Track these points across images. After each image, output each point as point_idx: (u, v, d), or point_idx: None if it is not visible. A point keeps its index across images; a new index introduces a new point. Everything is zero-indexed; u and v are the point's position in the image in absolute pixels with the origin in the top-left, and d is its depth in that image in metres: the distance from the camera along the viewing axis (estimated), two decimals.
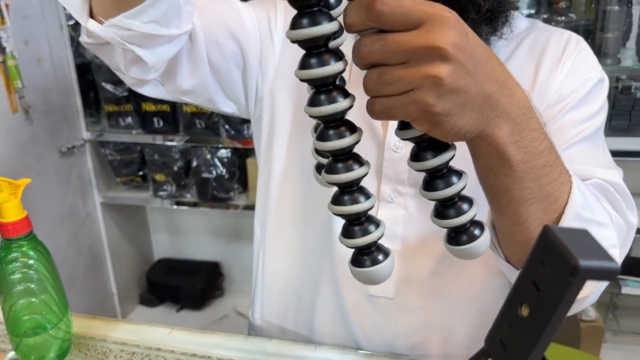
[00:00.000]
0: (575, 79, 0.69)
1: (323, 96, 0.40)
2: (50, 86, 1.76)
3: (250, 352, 0.74)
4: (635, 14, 1.68)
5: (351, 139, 0.40)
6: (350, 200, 0.42)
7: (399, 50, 0.38)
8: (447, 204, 0.44)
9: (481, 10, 0.61)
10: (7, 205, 0.67)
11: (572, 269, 0.26)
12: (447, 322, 0.75)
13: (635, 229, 0.68)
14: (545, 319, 0.28)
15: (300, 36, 0.38)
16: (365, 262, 0.43)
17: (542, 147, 0.48)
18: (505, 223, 0.54)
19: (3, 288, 0.69)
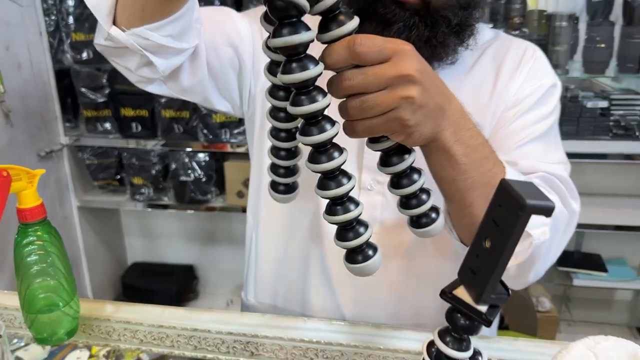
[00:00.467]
0: (530, 85, 0.80)
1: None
2: (29, 91, 1.79)
3: (247, 326, 0.81)
4: (581, 29, 1.85)
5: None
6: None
7: (379, 80, 0.48)
8: (410, 196, 0.53)
9: (451, 24, 0.71)
10: (25, 193, 0.74)
11: (521, 206, 0.36)
12: (419, 296, 0.85)
13: (578, 215, 0.79)
14: (502, 247, 0.38)
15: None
16: (358, 259, 0.50)
17: (478, 142, 0.59)
18: (455, 209, 0.65)
19: (20, 269, 0.75)
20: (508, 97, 0.80)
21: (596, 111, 1.81)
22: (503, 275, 0.39)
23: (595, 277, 1.97)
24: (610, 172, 2.00)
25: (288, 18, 0.43)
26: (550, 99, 0.80)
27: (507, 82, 0.80)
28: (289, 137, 0.55)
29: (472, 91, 0.80)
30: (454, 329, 0.43)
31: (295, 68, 0.44)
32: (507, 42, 0.84)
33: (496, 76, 0.81)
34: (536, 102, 0.79)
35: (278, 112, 0.55)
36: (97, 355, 0.96)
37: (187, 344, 0.82)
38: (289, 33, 0.43)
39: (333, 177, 0.48)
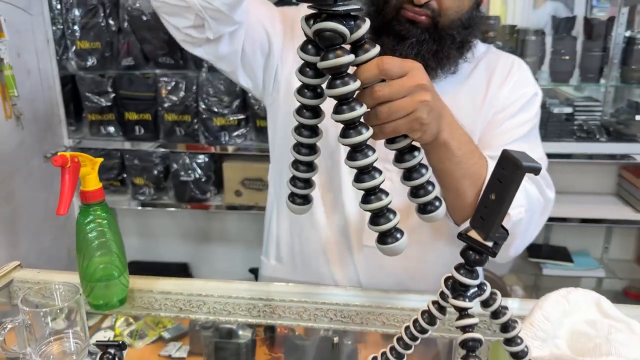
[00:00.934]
0: (515, 93, 0.96)
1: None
2: (37, 96, 1.89)
3: (274, 293, 0.95)
4: (547, 43, 2.04)
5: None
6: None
7: (401, 89, 0.63)
8: (419, 187, 0.66)
9: (455, 40, 0.87)
10: (89, 177, 0.86)
11: (518, 166, 0.51)
12: (422, 266, 1.00)
13: (553, 201, 0.96)
14: (504, 198, 0.53)
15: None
16: (388, 241, 0.62)
17: (466, 139, 0.77)
18: (451, 196, 0.83)
19: (82, 244, 0.87)
20: (497, 103, 0.96)
21: (562, 116, 2.00)
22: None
23: (563, 267, 2.16)
24: (575, 171, 2.19)
25: (333, 45, 0.56)
26: (533, 106, 0.97)
27: (496, 90, 0.96)
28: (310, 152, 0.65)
29: (468, 97, 0.96)
30: (467, 262, 0.57)
31: (340, 84, 0.57)
32: (496, 56, 1.01)
33: (487, 85, 0.97)
34: (520, 108, 0.95)
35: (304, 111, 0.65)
36: (122, 334, 1.09)
37: (222, 309, 0.95)
38: (335, 57, 0.55)
39: (367, 172, 0.60)
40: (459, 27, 0.87)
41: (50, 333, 0.77)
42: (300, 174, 0.66)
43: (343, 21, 0.55)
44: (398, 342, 0.67)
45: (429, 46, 0.86)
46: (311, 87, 0.61)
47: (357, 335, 0.99)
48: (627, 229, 2.28)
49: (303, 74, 0.60)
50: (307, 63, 0.60)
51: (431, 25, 0.85)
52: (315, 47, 0.58)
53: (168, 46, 1.92)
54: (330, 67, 0.56)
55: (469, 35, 0.90)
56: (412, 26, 0.85)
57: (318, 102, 0.61)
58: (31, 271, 1.03)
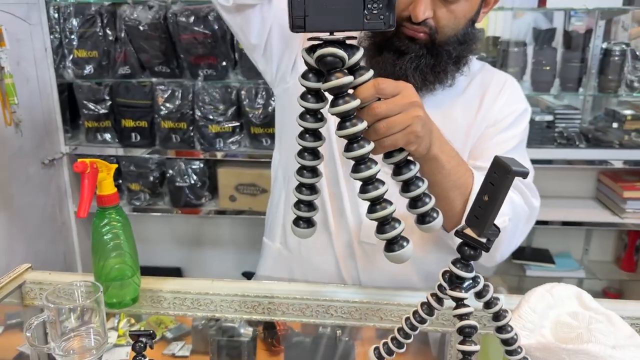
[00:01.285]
0: (507, 109, 1.03)
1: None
2: (35, 103, 1.93)
3: (278, 291, 1.00)
4: (529, 53, 2.13)
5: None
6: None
7: (397, 106, 0.70)
8: (417, 199, 0.71)
9: (451, 55, 0.94)
10: (104, 182, 0.91)
11: (508, 171, 0.58)
12: (415, 266, 1.07)
13: (538, 209, 1.03)
14: (496, 199, 0.60)
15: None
16: (394, 248, 0.68)
17: (454, 154, 0.85)
18: (441, 205, 0.88)
19: (99, 245, 0.92)
20: (490, 118, 1.03)
21: (543, 124, 2.09)
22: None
23: (545, 269, 2.26)
24: (556, 176, 2.28)
25: (334, 68, 0.63)
26: (522, 122, 1.04)
27: (489, 106, 1.03)
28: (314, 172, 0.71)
29: (463, 110, 1.03)
30: (462, 257, 0.64)
31: (342, 102, 0.64)
32: (491, 74, 1.08)
33: (481, 100, 1.04)
34: (511, 123, 1.02)
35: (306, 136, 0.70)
36: (125, 335, 1.13)
37: (228, 307, 1.01)
38: (336, 78, 0.62)
39: (371, 183, 0.66)
40: (455, 43, 0.94)
41: (71, 329, 0.82)
42: (304, 196, 0.71)
43: (341, 48, 0.63)
44: (399, 332, 0.73)
45: (426, 61, 0.93)
46: (312, 112, 0.67)
47: (354, 332, 1.05)
48: (606, 232, 2.38)
49: (305, 100, 0.66)
50: (308, 90, 0.66)
51: (429, 41, 0.92)
52: (316, 75, 0.65)
53: (164, 55, 1.97)
54: (333, 87, 0.63)
55: (464, 51, 0.96)
56: (411, 42, 0.92)
57: (319, 125, 0.67)
58: (42, 273, 1.07)
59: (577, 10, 2.02)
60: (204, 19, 1.88)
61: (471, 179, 0.89)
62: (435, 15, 0.91)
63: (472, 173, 0.89)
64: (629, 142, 2.07)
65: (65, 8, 1.95)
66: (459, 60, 0.97)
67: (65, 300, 0.84)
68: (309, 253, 1.14)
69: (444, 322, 0.95)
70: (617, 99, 2.25)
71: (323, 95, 0.66)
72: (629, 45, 2.04)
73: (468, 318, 0.64)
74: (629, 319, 0.87)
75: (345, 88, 0.64)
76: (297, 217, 0.73)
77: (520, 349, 0.69)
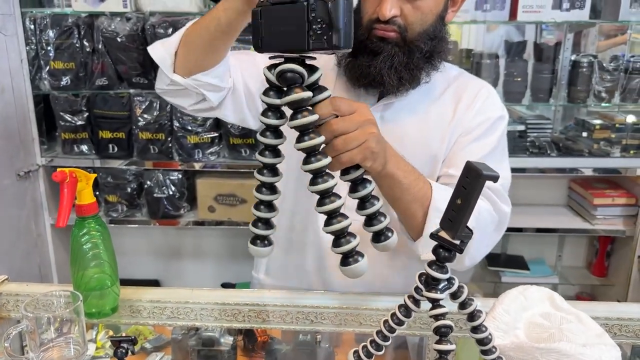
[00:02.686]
0: (479, 117, 1.05)
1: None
2: (10, 114, 1.91)
3: (258, 298, 1.01)
4: (501, 65, 2.19)
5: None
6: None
7: (353, 123, 0.73)
8: (372, 217, 0.73)
9: (423, 51, 0.97)
10: (84, 192, 0.91)
11: (479, 175, 0.60)
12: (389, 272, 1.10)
13: (509, 215, 1.06)
14: (469, 202, 0.62)
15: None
16: (349, 262, 0.70)
17: (410, 169, 0.89)
18: (404, 218, 0.95)
19: (77, 255, 0.92)
20: (463, 125, 1.06)
21: (515, 133, 2.14)
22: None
23: (520, 275, 2.30)
24: (528, 184, 2.33)
25: (294, 84, 0.66)
26: (497, 129, 1.06)
27: (462, 114, 1.06)
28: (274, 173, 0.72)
29: (437, 117, 1.06)
30: (437, 259, 0.66)
31: (300, 116, 0.66)
32: (467, 81, 1.10)
33: (455, 108, 1.06)
34: (484, 131, 1.05)
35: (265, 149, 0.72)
36: (104, 346, 1.13)
37: (209, 315, 1.01)
38: (296, 92, 0.65)
39: (328, 196, 0.69)
40: (425, 39, 0.97)
41: (50, 340, 0.81)
42: (262, 214, 0.72)
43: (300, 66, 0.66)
44: (377, 335, 0.74)
45: (400, 59, 0.96)
46: (272, 128, 0.69)
47: (334, 338, 1.07)
48: (578, 238, 2.44)
49: (266, 116, 0.69)
50: (269, 106, 0.69)
51: (400, 39, 0.95)
52: (277, 92, 0.68)
53: (142, 66, 1.97)
54: (293, 101, 0.66)
55: (436, 46, 0.99)
56: (382, 42, 0.95)
57: (278, 142, 0.70)
58: (19, 284, 1.06)
59: (547, 23, 2.09)
60: None
61: (430, 191, 0.93)
62: (402, 13, 0.94)
63: (430, 185, 0.93)
64: (598, 150, 2.13)
65: (42, 19, 1.94)
66: (432, 56, 0.99)
67: (44, 310, 0.84)
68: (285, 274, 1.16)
69: (422, 326, 0.97)
70: (587, 109, 2.32)
71: (283, 112, 0.69)
72: (596, 57, 2.11)
73: (444, 318, 0.66)
74: (599, 319, 0.90)
75: (305, 103, 0.67)
76: (255, 236, 0.74)
77: (494, 349, 0.72)
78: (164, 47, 0.97)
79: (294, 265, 1.15)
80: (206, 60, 0.92)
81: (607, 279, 2.38)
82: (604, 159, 2.11)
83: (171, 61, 0.94)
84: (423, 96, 1.05)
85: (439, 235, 0.66)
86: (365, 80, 0.99)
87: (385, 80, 0.97)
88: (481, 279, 2.32)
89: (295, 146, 0.68)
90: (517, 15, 1.98)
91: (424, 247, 0.97)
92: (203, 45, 0.92)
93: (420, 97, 1.05)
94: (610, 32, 2.32)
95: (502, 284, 2.27)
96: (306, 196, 1.07)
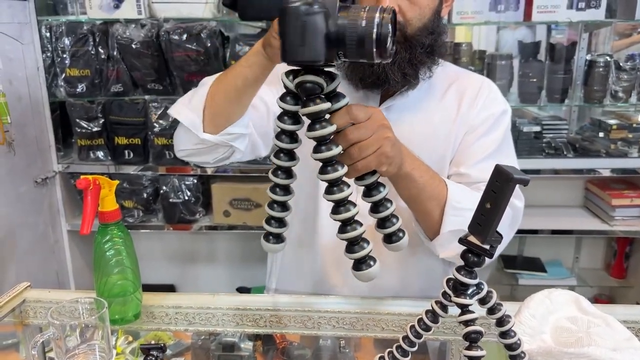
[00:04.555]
0: (484, 114, 1.06)
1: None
2: (28, 122, 1.93)
3: (280, 304, 1.01)
4: (515, 66, 2.18)
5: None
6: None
7: (368, 130, 0.73)
8: (385, 219, 0.73)
9: (424, 45, 0.97)
10: (106, 199, 0.91)
11: (510, 178, 0.60)
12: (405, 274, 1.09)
13: (522, 211, 1.06)
14: (499, 205, 0.61)
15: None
16: (362, 267, 0.70)
17: (425, 167, 0.90)
18: (420, 217, 0.96)
19: (100, 261, 0.92)
20: (468, 123, 1.06)
21: (531, 135, 2.12)
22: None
23: (537, 277, 2.29)
24: (544, 185, 2.32)
25: (313, 94, 0.65)
26: (502, 123, 1.06)
27: (466, 111, 1.06)
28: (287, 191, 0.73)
29: (442, 117, 1.06)
30: (466, 264, 0.66)
31: (319, 127, 0.66)
32: (467, 78, 1.10)
33: (458, 106, 1.07)
34: (489, 127, 1.05)
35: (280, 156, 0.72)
36: (124, 352, 1.13)
37: (230, 321, 1.01)
38: (315, 104, 0.65)
39: (343, 205, 0.69)
40: (425, 33, 0.97)
41: (74, 346, 0.81)
42: (275, 212, 0.73)
43: (320, 75, 0.65)
44: (404, 341, 0.74)
45: (402, 55, 0.96)
46: (288, 132, 0.69)
47: (355, 343, 1.06)
48: (596, 239, 2.41)
49: (282, 121, 0.69)
50: (285, 112, 0.69)
51: (400, 36, 0.95)
52: (294, 98, 0.68)
53: (157, 73, 1.98)
54: (311, 112, 0.66)
55: (436, 40, 1.00)
56: None
57: (294, 146, 0.70)
58: (42, 291, 1.07)
59: (560, 23, 2.07)
60: (196, 37, 1.90)
61: (445, 189, 0.93)
62: (400, 10, 0.95)
63: (445, 183, 0.94)
64: (615, 151, 2.11)
65: (58, 27, 1.96)
66: (432, 50, 1.00)
67: (68, 317, 0.84)
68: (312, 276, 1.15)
69: (445, 331, 0.96)
70: (602, 109, 2.29)
71: (300, 117, 0.69)
72: (612, 57, 2.09)
73: (473, 324, 0.66)
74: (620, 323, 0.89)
75: (323, 114, 0.67)
76: (267, 233, 0.74)
77: (523, 354, 0.71)
78: (190, 109, 0.95)
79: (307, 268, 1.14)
80: (235, 114, 0.93)
81: (626, 281, 2.36)
82: (622, 159, 2.09)
83: (200, 122, 0.93)
84: (425, 95, 1.06)
85: (468, 240, 0.65)
86: (369, 80, 0.99)
87: (389, 77, 0.97)
88: (498, 282, 2.31)
89: (312, 156, 0.68)
90: (531, 15, 1.96)
91: (442, 246, 0.97)
92: (231, 101, 0.91)
93: (422, 96, 1.06)
94: (625, 31, 2.30)
95: (519, 287, 2.26)
96: (319, 198, 1.08)
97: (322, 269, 1.13)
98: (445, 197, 0.93)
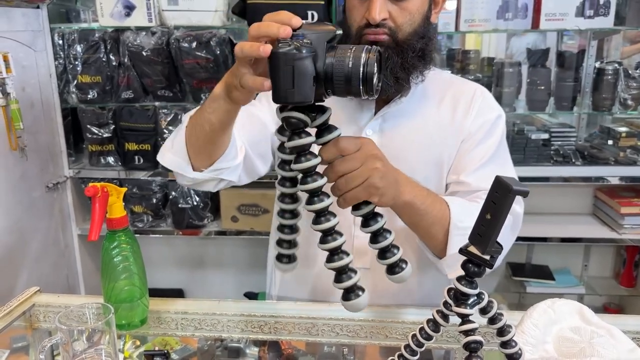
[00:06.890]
0: (479, 120, 1.06)
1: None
2: (40, 128, 1.96)
3: (284, 310, 1.02)
4: (524, 73, 2.18)
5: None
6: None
7: (356, 162, 0.74)
8: (385, 250, 0.74)
9: (415, 49, 0.98)
10: (114, 206, 0.93)
11: (509, 190, 0.60)
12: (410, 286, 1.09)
13: (522, 215, 1.06)
14: (498, 216, 0.62)
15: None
16: (350, 297, 0.71)
17: (425, 193, 0.90)
18: (426, 240, 0.97)
19: (108, 267, 0.93)
20: (463, 131, 1.07)
21: (539, 142, 2.12)
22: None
23: (545, 285, 2.27)
24: (553, 193, 2.30)
25: (298, 129, 0.67)
26: (496, 130, 1.07)
27: (461, 120, 1.07)
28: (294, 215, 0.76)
29: (437, 125, 1.07)
30: (467, 274, 0.66)
31: (303, 160, 0.68)
32: (461, 86, 1.11)
33: (453, 114, 1.07)
34: (485, 134, 1.06)
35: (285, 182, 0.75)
36: (131, 356, 1.14)
37: (235, 327, 1.02)
38: (298, 139, 0.67)
39: (330, 234, 0.70)
40: (416, 38, 0.98)
41: (81, 351, 0.83)
42: (285, 235, 0.75)
43: (306, 110, 0.67)
44: (405, 349, 0.74)
45: (394, 60, 0.97)
46: (289, 162, 0.71)
47: (359, 351, 1.07)
48: (604, 247, 2.40)
49: (282, 151, 0.71)
50: (283, 143, 0.71)
51: (392, 41, 0.96)
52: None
53: (167, 79, 2.01)
54: (294, 147, 0.68)
55: (427, 44, 1.00)
56: (374, 46, 0.96)
57: (295, 174, 0.72)
58: (51, 296, 1.09)
59: (570, 30, 2.07)
60: (205, 44, 1.92)
61: (447, 210, 0.93)
62: (390, 16, 0.96)
63: (446, 204, 0.94)
64: (624, 158, 2.10)
65: (70, 35, 1.99)
66: (424, 54, 1.00)
67: (76, 322, 0.85)
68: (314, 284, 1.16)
69: (448, 339, 0.97)
70: (612, 117, 2.29)
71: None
72: (621, 64, 2.08)
73: (473, 334, 0.66)
74: (629, 333, 0.88)
75: (307, 147, 0.68)
76: (279, 254, 0.77)
77: None
78: (173, 153, 0.96)
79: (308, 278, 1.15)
80: (215, 152, 0.93)
81: (636, 290, 2.34)
82: (631, 167, 2.08)
83: (187, 163, 0.94)
84: (420, 102, 1.07)
85: (468, 251, 0.66)
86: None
87: (382, 82, 0.98)
88: (506, 290, 2.30)
89: (299, 187, 0.70)
90: (539, 23, 1.96)
91: (449, 267, 0.98)
92: (206, 143, 0.91)
93: (417, 103, 1.06)
94: (635, 38, 2.29)
95: (527, 294, 2.24)
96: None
97: (323, 280, 1.13)
98: (448, 218, 0.93)
